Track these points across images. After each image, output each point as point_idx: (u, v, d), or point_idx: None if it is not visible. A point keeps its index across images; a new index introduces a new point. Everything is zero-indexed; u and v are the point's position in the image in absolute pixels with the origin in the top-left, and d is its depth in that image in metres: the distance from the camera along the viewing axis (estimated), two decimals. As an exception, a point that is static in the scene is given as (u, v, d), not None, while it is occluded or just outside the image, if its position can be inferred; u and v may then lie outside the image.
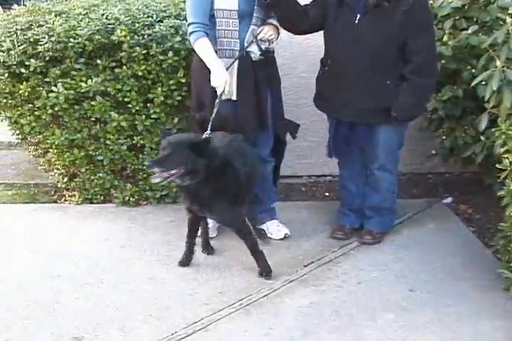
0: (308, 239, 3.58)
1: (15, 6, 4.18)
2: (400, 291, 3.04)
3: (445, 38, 3.59)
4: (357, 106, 3.24)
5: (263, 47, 3.28)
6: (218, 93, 3.14)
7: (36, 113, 3.87)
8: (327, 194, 4.36)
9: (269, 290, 3.02)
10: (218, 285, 3.08)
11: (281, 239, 3.56)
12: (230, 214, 3.06)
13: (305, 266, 3.28)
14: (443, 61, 3.53)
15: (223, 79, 3.12)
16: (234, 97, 3.26)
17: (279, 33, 3.35)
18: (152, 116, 3.86)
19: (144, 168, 3.93)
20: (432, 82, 3.22)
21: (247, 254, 3.34)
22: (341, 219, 3.67)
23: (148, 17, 3.80)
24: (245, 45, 3.22)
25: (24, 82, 3.78)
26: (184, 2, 3.57)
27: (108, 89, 3.77)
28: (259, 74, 3.27)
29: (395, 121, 3.25)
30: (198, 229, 3.28)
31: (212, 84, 3.15)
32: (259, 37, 3.24)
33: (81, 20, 3.76)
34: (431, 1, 3.63)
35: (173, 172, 2.82)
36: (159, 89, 3.78)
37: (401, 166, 3.68)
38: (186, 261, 3.27)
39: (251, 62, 3.25)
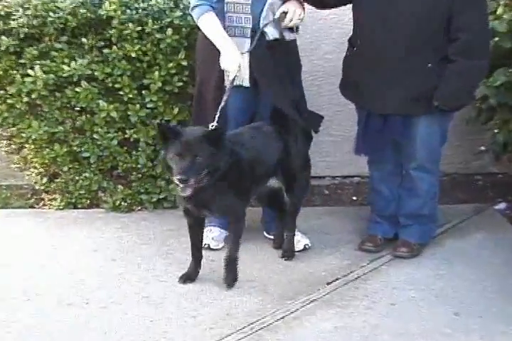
0: (332, 252, 3.58)
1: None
2: (442, 315, 3.01)
3: (499, 11, 3.56)
4: (392, 94, 3.23)
5: (287, 36, 3.30)
6: (230, 78, 3.14)
7: (9, 101, 3.89)
8: (354, 198, 4.36)
9: (285, 312, 3.01)
10: (225, 305, 3.07)
11: (299, 251, 3.56)
12: (234, 204, 3.12)
13: (328, 284, 3.27)
14: (496, 39, 3.51)
15: (236, 62, 3.11)
16: (246, 84, 3.26)
17: (304, 9, 3.34)
18: (148, 106, 3.88)
19: (139, 166, 3.96)
20: (483, 64, 3.20)
21: (259, 269, 3.35)
22: (372, 228, 3.66)
23: (142, -13, 3.81)
24: (262, 22, 3.21)
25: (-5, 64, 3.81)
26: (185, -30, 3.59)
27: (95, 73, 3.79)
28: (276, 56, 3.27)
29: (437, 111, 3.24)
30: (200, 236, 3.29)
31: (223, 67, 3.15)
32: (284, 24, 3.24)
33: (63, -9, 3.78)
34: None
35: (200, 176, 2.86)
36: (156, 73, 3.80)
37: (444, 165, 3.67)
38: (191, 276, 3.28)
39: (266, 42, 3.25)
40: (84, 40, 3.76)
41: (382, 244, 3.60)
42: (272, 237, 3.67)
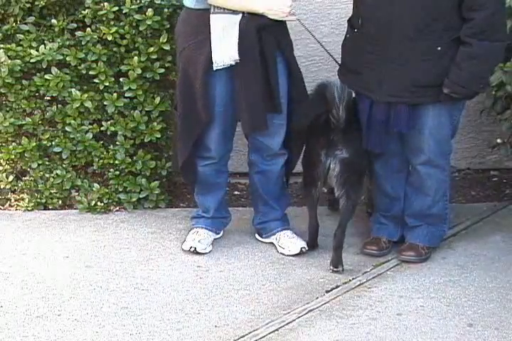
0: (333, 256, 3.57)
1: None
2: (454, 326, 3.01)
3: (517, -12, 3.54)
4: (398, 80, 3.23)
5: None
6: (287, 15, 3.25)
7: (-30, 90, 3.89)
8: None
9: (280, 324, 3.00)
10: (213, 316, 3.06)
11: (296, 255, 3.55)
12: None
13: (327, 292, 3.26)
14: (514, 19, 3.50)
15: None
16: (233, 61, 3.24)
17: None
18: (126, 95, 3.88)
19: (117, 162, 3.94)
20: (499, 46, 3.19)
21: (250, 276, 3.35)
22: (376, 230, 3.65)
23: (119, -38, 3.82)
24: None
25: (-47, 49, 3.79)
26: None
27: (67, 59, 3.78)
28: (266, 34, 3.26)
29: (448, 99, 3.23)
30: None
31: (275, 17, 3.20)
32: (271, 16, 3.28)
33: (29, -35, 3.78)
34: None
35: None
36: (135, 58, 3.79)
37: (456, 160, 3.68)
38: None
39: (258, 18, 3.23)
40: (54, 21, 3.75)
41: (387, 248, 3.59)
42: (264, 240, 3.67)
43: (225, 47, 3.19)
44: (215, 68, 3.22)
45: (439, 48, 3.16)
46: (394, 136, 3.41)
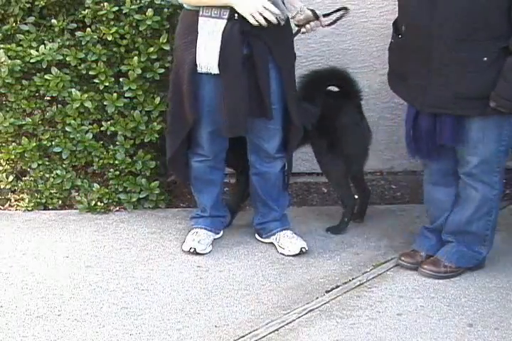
0: (332, 256, 3.58)
1: None
2: (454, 326, 3.00)
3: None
4: (441, 92, 3.07)
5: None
6: (271, 19, 3.11)
7: (-31, 90, 3.89)
8: (356, 196, 4.32)
9: (280, 324, 3.01)
10: (213, 317, 3.06)
11: (295, 255, 3.55)
12: None
13: (327, 292, 3.26)
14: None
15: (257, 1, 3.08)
16: (214, 71, 3.22)
17: None
18: (126, 95, 3.88)
19: (117, 163, 3.94)
20: None
21: (250, 276, 3.35)
22: (418, 243, 3.50)
23: (119, -38, 3.81)
24: None
25: (-47, 49, 3.79)
26: None
27: (67, 59, 3.78)
28: (255, 39, 3.22)
29: (495, 113, 3.05)
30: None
31: (244, 11, 3.09)
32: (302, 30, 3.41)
33: (29, -36, 3.78)
34: None
35: None
36: (135, 58, 3.79)
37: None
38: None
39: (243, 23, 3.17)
40: (54, 21, 3.75)
41: (422, 261, 3.42)
42: (264, 241, 3.67)
43: (207, 54, 3.17)
44: (199, 71, 3.22)
45: (485, 59, 2.98)
46: (443, 148, 3.25)
